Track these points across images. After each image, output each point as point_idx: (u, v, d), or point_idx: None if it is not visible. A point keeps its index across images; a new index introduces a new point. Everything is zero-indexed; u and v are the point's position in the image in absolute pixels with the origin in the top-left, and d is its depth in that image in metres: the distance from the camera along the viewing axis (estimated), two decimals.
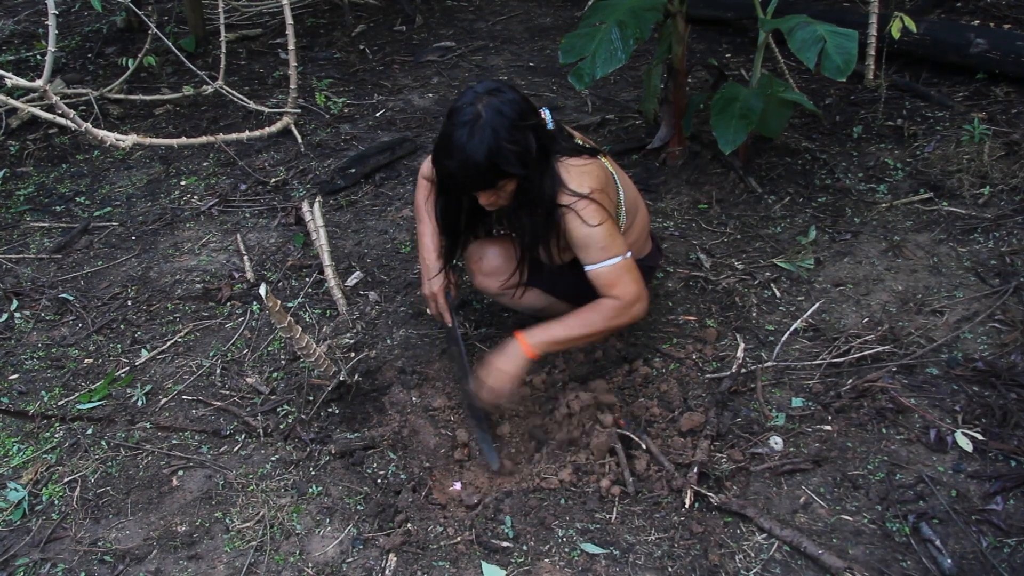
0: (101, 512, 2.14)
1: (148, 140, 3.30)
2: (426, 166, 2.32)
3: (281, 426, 2.35)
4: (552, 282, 2.32)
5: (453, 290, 2.38)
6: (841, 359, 2.36)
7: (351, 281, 2.92)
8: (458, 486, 2.14)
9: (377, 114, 4.12)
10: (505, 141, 1.85)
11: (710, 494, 2.01)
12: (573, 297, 2.21)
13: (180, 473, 2.23)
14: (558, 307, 2.32)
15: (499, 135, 1.84)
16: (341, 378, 2.37)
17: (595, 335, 2.10)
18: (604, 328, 2.06)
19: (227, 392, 2.50)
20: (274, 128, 3.86)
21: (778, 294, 2.69)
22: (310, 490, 2.15)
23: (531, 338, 2.06)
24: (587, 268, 2.04)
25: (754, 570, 1.85)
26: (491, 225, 2.37)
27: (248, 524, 2.07)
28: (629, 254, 2.05)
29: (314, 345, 2.28)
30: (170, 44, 3.98)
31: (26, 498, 2.18)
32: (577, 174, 2.00)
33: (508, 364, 2.06)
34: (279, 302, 2.09)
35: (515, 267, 2.20)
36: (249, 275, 2.98)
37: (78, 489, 2.20)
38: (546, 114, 2.03)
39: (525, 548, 1.95)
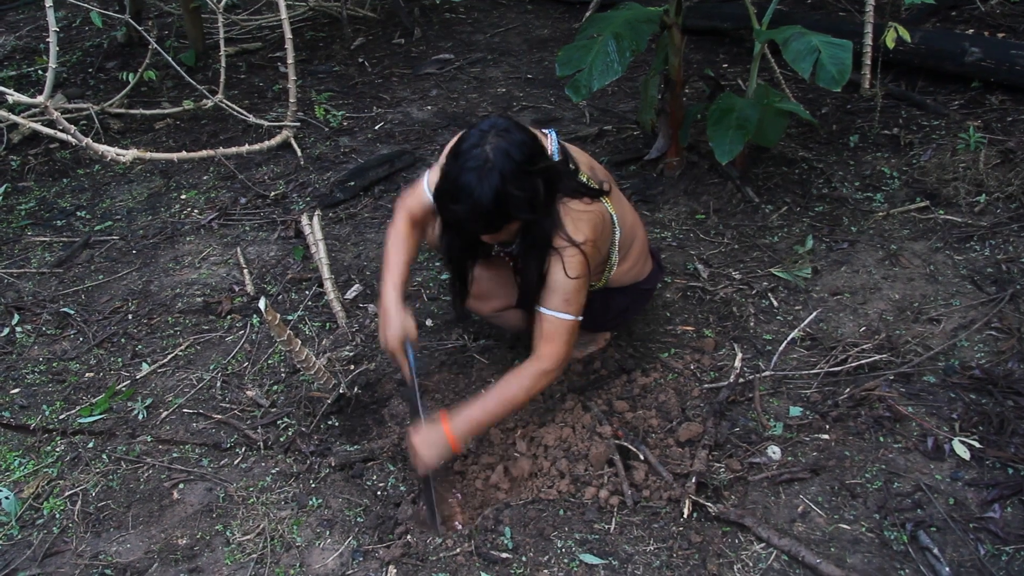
0: (102, 525, 2.15)
1: (148, 154, 3.33)
2: (412, 199, 2.23)
3: (281, 439, 2.36)
4: None
5: (414, 338, 2.15)
6: (838, 368, 2.37)
7: (350, 294, 2.93)
8: (457, 497, 2.15)
9: (376, 127, 4.15)
10: (513, 187, 1.79)
11: (708, 504, 2.01)
12: None
13: (181, 486, 2.24)
14: None
15: (507, 180, 1.78)
16: (341, 391, 2.38)
17: (517, 408, 2.06)
18: (525, 400, 2.04)
19: (227, 405, 2.51)
20: (274, 142, 3.88)
21: (775, 303, 2.70)
22: (310, 502, 2.16)
23: (455, 428, 2.01)
24: (540, 308, 2.02)
25: None
26: (489, 249, 2.32)
27: (249, 537, 2.07)
28: (580, 318, 2.05)
29: (314, 358, 2.29)
30: (170, 59, 4.01)
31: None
32: (575, 219, 1.97)
33: (432, 455, 2.01)
34: (279, 315, 2.10)
35: (507, 291, 2.23)
36: (249, 288, 2.99)
37: (79, 503, 2.21)
38: (552, 138, 2.01)
39: (524, 559, 1.95)
